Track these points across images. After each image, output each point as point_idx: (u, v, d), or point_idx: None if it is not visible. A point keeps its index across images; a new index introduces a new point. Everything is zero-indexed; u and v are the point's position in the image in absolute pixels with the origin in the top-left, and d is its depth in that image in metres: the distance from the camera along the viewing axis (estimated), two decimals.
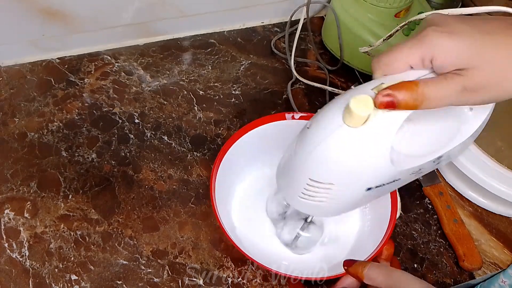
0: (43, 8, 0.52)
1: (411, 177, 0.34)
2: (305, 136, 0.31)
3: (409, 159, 0.32)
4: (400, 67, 0.27)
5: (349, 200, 0.33)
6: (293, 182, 0.33)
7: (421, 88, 0.26)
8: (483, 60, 0.25)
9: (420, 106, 0.27)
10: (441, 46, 0.26)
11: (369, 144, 0.28)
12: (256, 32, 0.64)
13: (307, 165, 0.30)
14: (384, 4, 0.53)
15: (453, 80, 0.26)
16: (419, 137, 0.33)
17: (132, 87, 0.56)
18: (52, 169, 0.49)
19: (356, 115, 0.27)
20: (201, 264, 0.44)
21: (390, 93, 0.26)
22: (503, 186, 0.46)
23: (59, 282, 0.43)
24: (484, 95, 0.27)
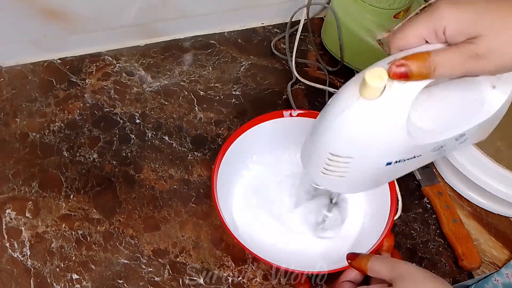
0: (45, 8, 0.52)
1: (434, 155, 0.34)
2: (324, 111, 0.31)
3: (428, 134, 0.32)
4: (415, 40, 0.28)
5: (370, 175, 0.33)
6: (314, 158, 0.33)
7: (433, 56, 0.27)
8: (489, 27, 0.26)
9: (433, 75, 0.27)
10: (450, 16, 0.27)
11: (385, 116, 0.28)
12: (257, 33, 0.64)
13: (326, 139, 0.31)
14: (383, 5, 0.54)
15: (464, 47, 0.27)
16: (440, 113, 0.33)
17: (133, 87, 0.57)
18: (53, 169, 0.49)
19: (371, 87, 0.27)
20: (201, 264, 0.45)
21: (403, 63, 0.27)
22: (502, 186, 0.46)
23: (60, 281, 0.43)
24: (495, 62, 0.27)
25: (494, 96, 0.33)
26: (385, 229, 0.41)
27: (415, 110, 0.32)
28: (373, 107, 0.28)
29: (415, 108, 0.31)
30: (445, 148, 0.34)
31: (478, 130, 0.34)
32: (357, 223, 0.46)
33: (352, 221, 0.47)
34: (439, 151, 0.33)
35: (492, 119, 0.34)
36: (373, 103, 0.28)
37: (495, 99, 0.33)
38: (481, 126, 0.34)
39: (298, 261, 0.44)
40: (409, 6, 0.56)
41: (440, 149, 0.33)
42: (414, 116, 0.32)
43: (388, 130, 0.29)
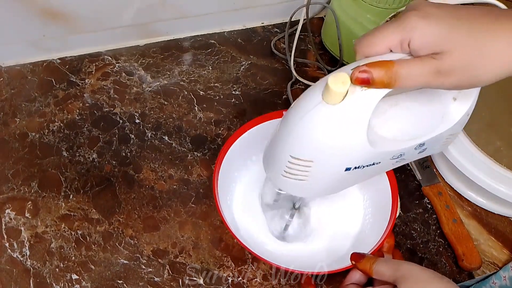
0: (44, 8, 0.52)
1: (393, 163, 0.34)
2: (287, 114, 0.32)
3: (388, 142, 0.32)
4: (380, 49, 0.28)
5: (329, 180, 0.33)
6: (276, 161, 0.33)
7: (396, 67, 0.27)
8: (454, 44, 0.26)
9: (394, 85, 0.27)
10: (418, 29, 0.27)
11: (346, 121, 0.29)
12: (256, 32, 0.64)
13: (288, 142, 0.31)
14: (383, 5, 0.54)
15: (427, 62, 0.27)
16: (401, 123, 0.33)
17: (132, 87, 0.57)
18: (53, 169, 0.49)
19: (333, 91, 0.27)
20: (201, 264, 0.45)
21: (366, 70, 0.27)
22: (502, 186, 0.46)
23: (59, 281, 0.43)
24: (456, 79, 0.27)
25: (454, 108, 0.33)
26: (386, 230, 0.41)
27: (377, 117, 0.32)
28: (334, 112, 0.28)
29: (377, 116, 0.32)
30: (405, 157, 0.34)
31: (438, 141, 0.34)
32: (357, 223, 0.46)
33: (351, 221, 0.47)
34: (398, 159, 0.34)
35: (451, 131, 0.34)
36: (335, 108, 0.28)
37: (455, 111, 0.33)
38: (440, 137, 0.34)
39: (298, 261, 0.44)
40: None
41: (399, 157, 0.33)
42: (375, 123, 0.32)
43: (349, 136, 0.29)
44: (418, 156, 0.35)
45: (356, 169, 0.32)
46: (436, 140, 0.34)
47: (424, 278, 0.32)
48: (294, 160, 0.31)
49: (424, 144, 0.33)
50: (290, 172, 0.32)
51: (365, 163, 0.32)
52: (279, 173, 0.33)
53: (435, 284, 0.31)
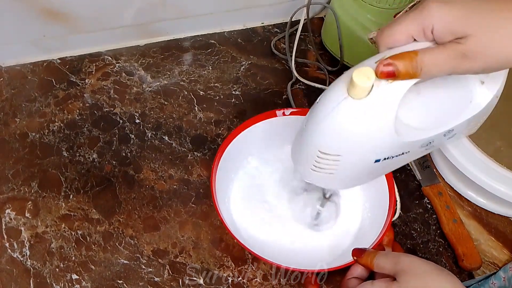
0: (44, 8, 0.52)
1: (422, 151, 0.34)
2: (313, 110, 0.32)
3: (416, 131, 0.32)
4: (402, 38, 0.28)
5: (359, 172, 0.33)
6: (304, 156, 0.33)
7: (420, 56, 0.27)
8: (478, 27, 0.26)
9: (419, 75, 0.27)
10: (439, 16, 0.26)
11: (373, 115, 0.29)
12: (256, 32, 0.64)
13: (315, 137, 0.31)
14: (383, 5, 0.54)
15: (451, 47, 0.27)
16: (428, 110, 0.33)
17: (133, 87, 0.57)
18: (53, 169, 0.49)
19: (359, 86, 0.27)
20: (201, 264, 0.45)
21: (390, 62, 0.27)
22: (502, 186, 0.46)
23: (60, 281, 0.43)
24: (483, 62, 0.27)
25: (482, 92, 0.33)
26: (385, 225, 0.41)
27: (403, 107, 0.32)
28: (361, 106, 0.28)
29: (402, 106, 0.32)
30: (434, 144, 0.34)
31: (467, 125, 0.34)
32: (356, 220, 0.47)
33: (351, 218, 0.47)
34: (428, 147, 0.34)
35: (481, 114, 0.34)
36: (361, 102, 0.28)
37: (483, 94, 0.33)
38: (469, 121, 0.34)
39: (298, 260, 0.44)
40: None
41: (428, 145, 0.33)
42: (401, 113, 0.32)
43: (376, 129, 0.29)
44: (447, 142, 0.35)
45: (386, 160, 0.32)
46: (465, 124, 0.33)
47: (423, 270, 0.32)
48: (322, 155, 0.31)
49: (454, 129, 0.33)
50: (319, 167, 0.33)
51: (394, 154, 0.32)
52: (308, 168, 0.33)
53: (434, 276, 0.32)
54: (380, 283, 0.33)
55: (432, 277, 0.31)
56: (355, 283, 0.36)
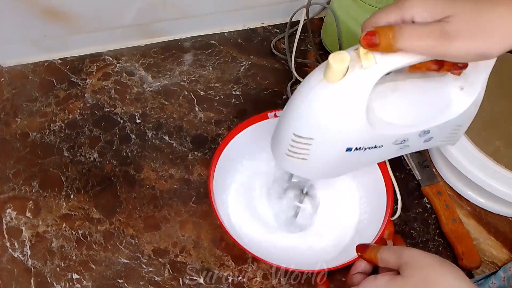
0: (45, 8, 0.52)
1: (396, 149, 0.35)
2: (293, 95, 0.33)
3: (389, 125, 0.33)
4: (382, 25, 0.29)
5: (331, 160, 0.34)
6: (280, 140, 0.34)
7: (400, 27, 0.28)
8: (458, 9, 0.27)
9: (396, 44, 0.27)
10: (419, 5, 0.28)
11: (345, 98, 0.29)
12: (257, 33, 0.64)
13: (291, 120, 0.32)
14: (382, 5, 0.54)
15: (433, 25, 0.27)
16: (403, 108, 0.34)
17: (133, 87, 0.57)
18: (54, 168, 0.50)
19: (333, 68, 0.28)
20: (201, 263, 0.45)
21: (373, 31, 0.28)
22: (502, 186, 0.46)
23: (60, 281, 0.43)
24: (462, 45, 0.27)
25: (460, 98, 0.33)
26: (384, 219, 0.42)
27: (378, 100, 0.33)
28: (334, 89, 0.29)
29: (378, 98, 0.32)
30: (409, 144, 0.34)
31: (445, 130, 0.35)
32: (354, 217, 0.47)
33: (348, 215, 0.47)
34: (402, 145, 0.34)
35: (459, 121, 0.34)
36: (335, 86, 0.29)
37: (461, 100, 0.33)
38: (448, 127, 0.34)
39: (298, 260, 0.44)
40: None
41: (402, 143, 0.34)
42: (377, 106, 0.33)
43: (348, 113, 0.30)
44: (424, 146, 0.35)
45: (358, 150, 0.32)
46: (441, 129, 0.34)
47: (426, 263, 0.32)
48: (296, 138, 0.32)
49: (429, 132, 0.33)
50: (293, 151, 0.33)
51: (367, 145, 0.32)
52: (283, 152, 0.34)
53: (438, 268, 0.32)
54: (383, 276, 0.33)
55: (435, 269, 0.32)
56: (359, 278, 0.37)
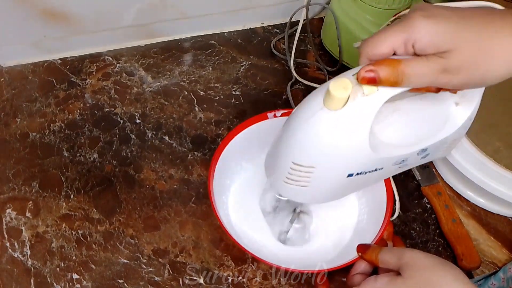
0: (45, 9, 0.52)
1: (396, 169, 0.34)
2: (288, 121, 0.32)
3: (391, 148, 0.32)
4: (384, 50, 0.28)
5: (332, 186, 0.33)
6: (277, 167, 0.33)
7: (403, 65, 0.27)
8: (460, 42, 0.26)
9: (401, 83, 0.27)
10: (423, 29, 0.26)
11: (347, 127, 0.29)
12: (256, 33, 0.64)
13: (289, 148, 0.31)
14: (382, 5, 0.54)
15: (434, 60, 0.27)
16: (404, 128, 0.33)
17: (133, 87, 0.57)
18: (53, 169, 0.50)
19: (335, 97, 0.27)
20: (201, 263, 0.45)
21: (372, 69, 0.27)
22: (502, 186, 0.46)
23: (60, 281, 0.43)
24: (463, 77, 0.27)
25: (457, 113, 0.33)
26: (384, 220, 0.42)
27: (379, 123, 0.32)
28: (336, 117, 0.28)
29: (378, 122, 0.32)
30: (407, 162, 0.34)
31: (441, 146, 0.34)
32: (353, 218, 0.47)
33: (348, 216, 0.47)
34: (401, 165, 0.34)
35: (455, 136, 0.34)
36: (336, 114, 0.28)
37: (458, 115, 0.33)
38: (443, 143, 0.34)
39: (298, 260, 0.44)
40: (408, 7, 0.56)
41: (402, 162, 0.33)
42: (377, 129, 0.32)
43: (350, 142, 0.29)
44: (420, 162, 0.35)
45: (359, 175, 0.32)
46: (439, 145, 0.34)
47: (426, 264, 0.32)
48: (296, 166, 0.31)
49: (427, 149, 0.33)
50: (292, 179, 0.32)
51: (368, 169, 0.32)
52: (281, 179, 0.33)
53: (438, 270, 0.32)
54: (384, 277, 0.34)
55: (436, 270, 0.32)
56: (359, 278, 0.37)
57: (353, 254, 0.40)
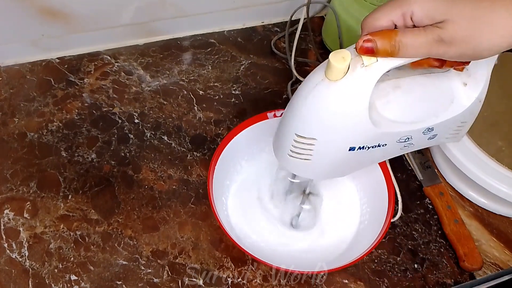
0: (43, 8, 0.52)
1: (400, 147, 0.34)
2: (294, 95, 0.32)
3: (392, 123, 0.32)
4: (384, 23, 0.29)
5: (334, 160, 0.33)
6: (282, 141, 0.34)
7: (399, 36, 0.28)
8: (456, 13, 0.27)
9: (397, 53, 0.28)
10: (420, 1, 0.27)
11: (346, 97, 0.29)
12: (256, 32, 0.63)
13: (292, 120, 0.32)
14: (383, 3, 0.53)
15: (430, 31, 0.27)
16: (406, 105, 0.33)
17: (132, 87, 0.56)
18: (51, 169, 0.49)
19: (334, 67, 0.28)
20: (201, 264, 0.44)
21: (369, 38, 0.28)
22: (504, 186, 0.46)
23: (58, 282, 0.43)
24: (459, 48, 0.27)
25: (464, 93, 0.33)
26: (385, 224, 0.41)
27: (381, 98, 0.32)
28: (335, 88, 0.29)
29: (379, 97, 0.32)
30: (413, 142, 0.34)
31: (449, 127, 0.34)
32: (355, 220, 0.47)
33: (350, 217, 0.47)
34: (406, 144, 0.34)
35: (463, 117, 0.34)
36: (336, 84, 0.29)
37: (465, 96, 0.33)
38: (451, 123, 0.33)
39: (298, 261, 0.44)
40: None
41: (406, 141, 0.33)
42: (380, 104, 0.32)
43: (350, 112, 0.30)
44: (428, 143, 0.35)
45: (361, 149, 0.32)
46: (445, 126, 0.33)
47: None
48: (298, 138, 0.32)
49: (433, 129, 0.33)
50: (296, 151, 0.33)
51: (370, 144, 0.32)
52: (286, 153, 0.34)
53: None
54: None
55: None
56: None
57: (354, 255, 0.40)
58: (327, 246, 0.45)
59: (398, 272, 0.46)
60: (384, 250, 0.47)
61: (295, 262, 0.43)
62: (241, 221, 0.46)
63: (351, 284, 0.45)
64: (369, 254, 0.46)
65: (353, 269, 0.46)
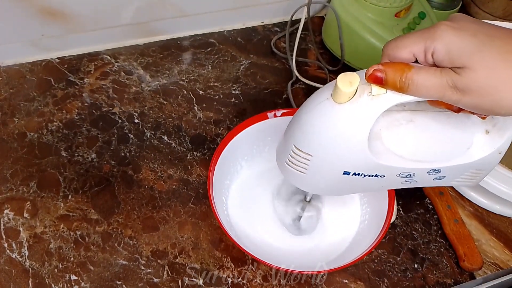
0: (43, 8, 0.52)
1: (401, 181, 0.33)
2: (300, 108, 0.33)
3: (393, 157, 0.31)
4: (404, 55, 0.27)
5: (327, 179, 0.33)
6: (283, 149, 0.34)
7: (413, 72, 0.26)
8: (477, 61, 0.25)
9: (406, 90, 0.26)
10: (443, 40, 0.25)
11: (347, 122, 0.29)
12: (256, 31, 0.63)
13: (293, 131, 0.32)
14: (384, 3, 0.53)
15: (446, 74, 0.25)
16: (416, 142, 0.32)
17: (131, 87, 0.56)
18: (51, 169, 0.49)
19: (340, 90, 0.28)
20: (201, 264, 0.44)
21: (381, 69, 0.26)
22: (504, 186, 0.46)
23: (58, 282, 0.42)
24: (474, 99, 0.25)
25: (484, 142, 0.31)
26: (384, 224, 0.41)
27: (391, 129, 0.31)
28: (338, 110, 0.28)
29: (391, 128, 0.31)
30: (416, 179, 0.33)
31: (460, 172, 0.32)
32: (355, 220, 0.47)
33: (350, 218, 0.47)
34: (408, 179, 0.33)
35: (478, 166, 0.32)
36: (339, 107, 0.28)
37: (484, 145, 0.31)
38: (464, 170, 0.32)
39: (298, 261, 0.44)
40: (410, 5, 0.55)
41: (408, 177, 0.32)
42: (387, 134, 0.31)
43: (348, 138, 0.29)
44: (435, 183, 0.33)
45: (356, 176, 0.31)
46: (457, 171, 0.32)
47: None
48: (296, 150, 0.32)
49: (440, 171, 0.32)
50: (292, 162, 0.33)
51: (366, 172, 0.31)
52: (284, 161, 0.34)
53: None
54: None
55: None
56: None
57: (354, 255, 0.40)
58: (327, 246, 0.45)
59: (398, 272, 0.46)
60: (384, 250, 0.47)
61: (295, 262, 0.43)
62: (241, 221, 0.46)
63: (351, 284, 0.45)
64: (369, 254, 0.46)
65: (353, 269, 0.46)
